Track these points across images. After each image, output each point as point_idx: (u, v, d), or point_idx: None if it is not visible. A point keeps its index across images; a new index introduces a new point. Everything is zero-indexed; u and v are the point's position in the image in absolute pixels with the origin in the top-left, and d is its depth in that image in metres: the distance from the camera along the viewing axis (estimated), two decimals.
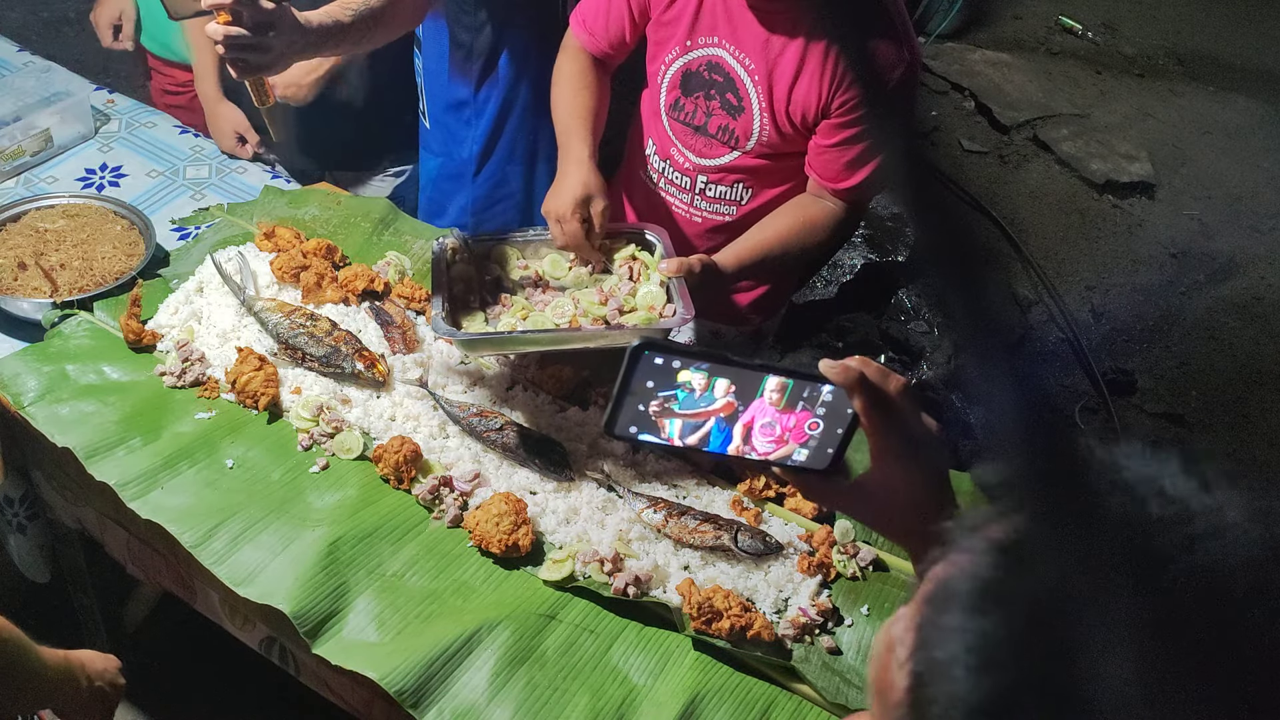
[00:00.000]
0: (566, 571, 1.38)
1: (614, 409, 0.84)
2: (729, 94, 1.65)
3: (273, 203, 1.98)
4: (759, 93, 1.62)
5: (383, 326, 1.70)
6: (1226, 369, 3.44)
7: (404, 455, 1.46)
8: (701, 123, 1.70)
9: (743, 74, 1.62)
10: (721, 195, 1.76)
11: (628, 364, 0.82)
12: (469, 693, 1.25)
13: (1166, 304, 3.65)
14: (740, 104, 1.64)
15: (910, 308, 3.49)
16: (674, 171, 1.79)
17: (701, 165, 1.74)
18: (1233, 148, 4.37)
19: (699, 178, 1.76)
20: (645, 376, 0.83)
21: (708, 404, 0.85)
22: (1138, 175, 4.12)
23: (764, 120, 1.64)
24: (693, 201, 1.79)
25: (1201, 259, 3.85)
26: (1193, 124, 4.50)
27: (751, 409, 0.86)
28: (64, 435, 1.48)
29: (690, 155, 1.75)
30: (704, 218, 1.80)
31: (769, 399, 0.85)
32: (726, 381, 0.84)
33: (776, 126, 1.64)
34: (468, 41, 1.98)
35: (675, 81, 1.71)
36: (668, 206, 1.82)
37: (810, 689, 1.30)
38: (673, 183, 1.80)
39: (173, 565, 1.53)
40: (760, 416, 0.86)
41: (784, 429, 0.87)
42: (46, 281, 1.72)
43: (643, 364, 0.82)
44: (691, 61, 1.67)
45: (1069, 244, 3.85)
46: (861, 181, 1.63)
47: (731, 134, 1.68)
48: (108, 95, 2.26)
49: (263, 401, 1.54)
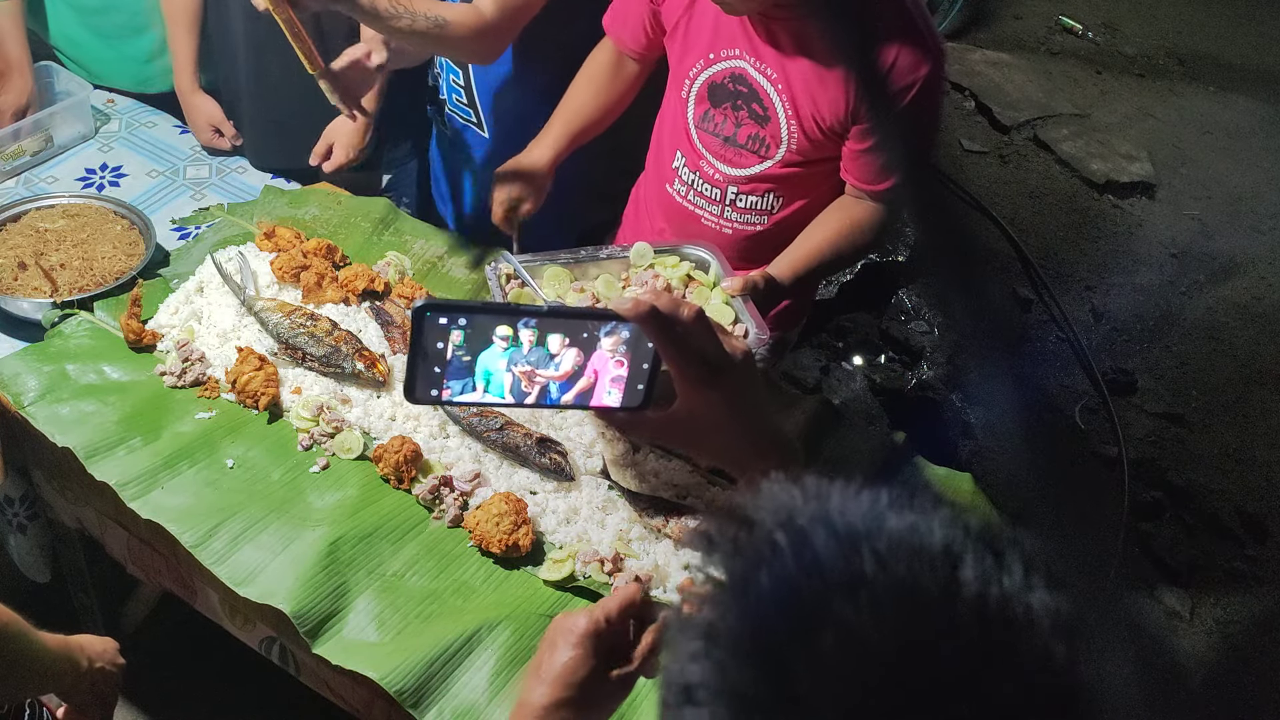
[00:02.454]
0: (567, 571, 1.39)
1: (410, 374, 0.83)
2: (755, 104, 1.64)
3: (273, 203, 1.98)
4: (784, 101, 1.61)
5: (383, 326, 1.70)
6: (1227, 369, 3.44)
7: (404, 455, 1.46)
8: (731, 133, 1.70)
9: (765, 84, 1.61)
10: (752, 206, 1.75)
11: (413, 326, 0.80)
12: (469, 693, 1.25)
13: (1166, 304, 3.65)
14: (766, 113, 1.64)
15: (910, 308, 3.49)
16: (703, 184, 1.78)
17: (732, 176, 1.73)
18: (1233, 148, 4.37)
19: (729, 189, 1.75)
20: (436, 338, 0.81)
21: (546, 360, 0.84)
22: (1138, 175, 4.12)
23: (792, 128, 1.63)
24: (723, 213, 1.78)
25: (1202, 259, 3.85)
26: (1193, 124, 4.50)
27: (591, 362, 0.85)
28: (64, 435, 1.48)
29: (720, 166, 1.74)
30: (734, 229, 1.79)
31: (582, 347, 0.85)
32: (560, 336, 0.83)
33: (805, 133, 1.63)
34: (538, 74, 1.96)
35: (703, 94, 1.71)
36: (696, 219, 1.81)
37: None
38: (702, 194, 1.79)
39: (173, 565, 1.53)
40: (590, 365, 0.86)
41: (596, 373, 0.86)
42: (46, 281, 1.72)
43: (429, 324, 0.81)
44: (716, 74, 1.67)
45: (1069, 244, 3.85)
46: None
47: (762, 142, 1.67)
48: (108, 95, 2.26)
49: (263, 401, 1.54)
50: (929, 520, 0.45)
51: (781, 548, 0.45)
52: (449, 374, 0.83)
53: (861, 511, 0.45)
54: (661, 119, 1.85)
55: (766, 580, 0.44)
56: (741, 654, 0.43)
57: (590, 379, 0.85)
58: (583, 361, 0.84)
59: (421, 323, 0.80)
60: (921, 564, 0.43)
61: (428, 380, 0.83)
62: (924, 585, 0.42)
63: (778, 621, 0.43)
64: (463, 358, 0.83)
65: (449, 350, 0.82)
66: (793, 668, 0.41)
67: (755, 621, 0.44)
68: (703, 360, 0.82)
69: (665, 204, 1.86)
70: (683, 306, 0.82)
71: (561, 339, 0.83)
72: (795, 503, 0.47)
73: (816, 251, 1.66)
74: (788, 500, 0.47)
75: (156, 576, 1.59)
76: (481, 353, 0.83)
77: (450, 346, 0.82)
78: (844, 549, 0.44)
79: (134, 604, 2.18)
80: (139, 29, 2.26)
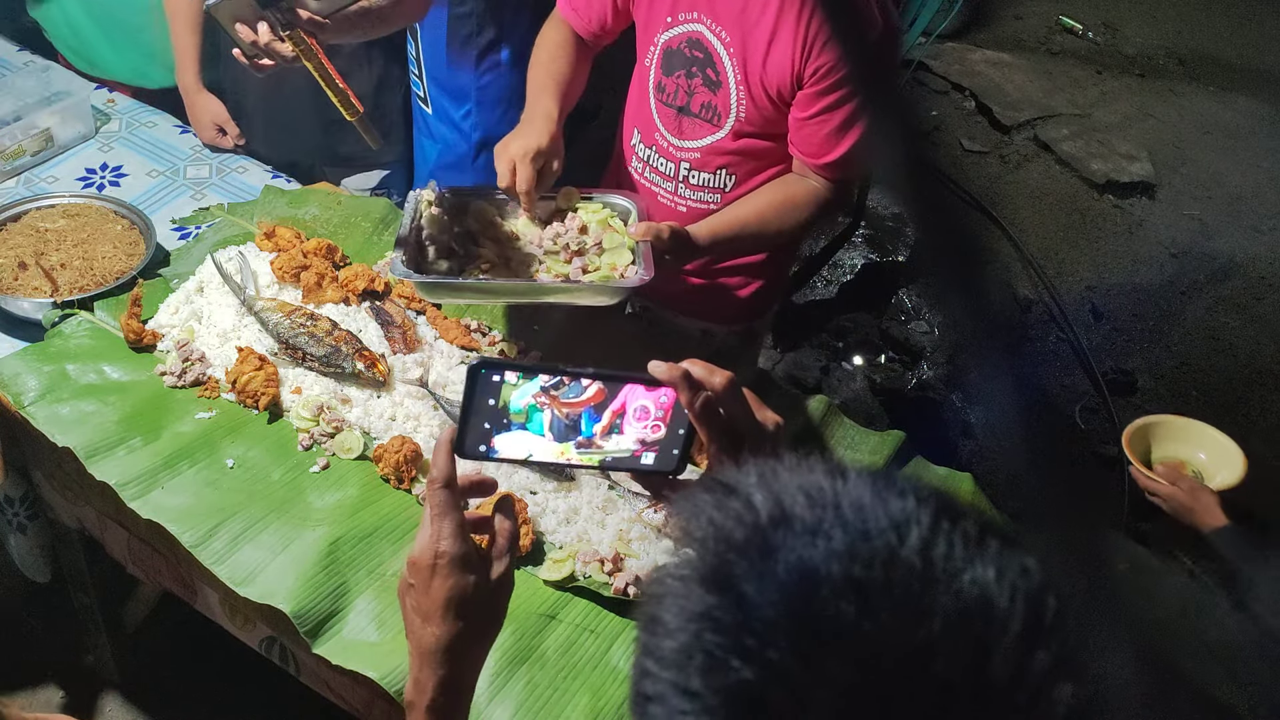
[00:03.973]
0: (567, 571, 1.38)
1: (461, 428, 0.83)
2: (709, 69, 1.64)
3: (273, 202, 1.98)
4: (734, 65, 1.61)
5: (383, 326, 1.70)
6: (1227, 369, 3.44)
7: (404, 455, 1.46)
8: (684, 102, 1.70)
9: (719, 47, 1.61)
10: (705, 182, 1.76)
11: (468, 383, 0.82)
12: None
13: (1167, 304, 3.65)
14: (718, 78, 1.64)
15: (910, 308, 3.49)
16: (659, 158, 1.78)
17: (685, 149, 1.74)
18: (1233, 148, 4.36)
19: (682, 163, 1.76)
20: (488, 395, 0.82)
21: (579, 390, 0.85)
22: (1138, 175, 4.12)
23: (740, 94, 1.63)
24: (677, 190, 1.79)
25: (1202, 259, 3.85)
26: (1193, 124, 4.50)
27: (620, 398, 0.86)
28: (64, 435, 1.48)
29: (673, 139, 1.74)
30: (689, 206, 1.79)
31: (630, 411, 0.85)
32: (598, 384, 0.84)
33: (753, 99, 1.62)
34: (467, 27, 1.98)
35: (659, 61, 1.71)
36: (654, 196, 1.82)
37: None
38: (657, 170, 1.80)
39: (173, 565, 1.53)
40: (627, 411, 0.86)
41: (638, 437, 0.87)
42: (47, 281, 1.72)
43: (481, 382, 0.82)
44: (673, 39, 1.67)
45: (1069, 244, 3.85)
46: (844, 155, 1.62)
47: (714, 110, 1.67)
48: (108, 95, 2.26)
49: (263, 401, 1.54)
50: (894, 489, 0.50)
51: (755, 504, 0.50)
52: (497, 429, 0.84)
53: (832, 480, 0.51)
54: (629, 94, 1.86)
55: (738, 531, 0.49)
56: (704, 583, 0.48)
57: (619, 406, 0.86)
58: (605, 396, 0.85)
59: (475, 380, 0.81)
60: (878, 516, 0.48)
61: (477, 435, 0.84)
62: (875, 530, 0.48)
63: (739, 558, 0.48)
64: (512, 412, 0.84)
65: (500, 404, 0.83)
66: (746, 592, 0.47)
67: (720, 559, 0.49)
68: (732, 428, 0.82)
69: (627, 182, 1.87)
70: (716, 375, 0.82)
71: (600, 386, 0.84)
72: (774, 473, 0.52)
73: (740, 220, 1.65)
74: (768, 471, 0.53)
75: (156, 576, 1.59)
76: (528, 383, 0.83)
77: (501, 401, 0.83)
78: (810, 504, 0.49)
79: (134, 604, 2.18)
80: (141, 24, 2.26)
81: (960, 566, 0.46)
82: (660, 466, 0.88)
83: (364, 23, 1.69)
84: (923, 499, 0.49)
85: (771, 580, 0.47)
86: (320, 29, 1.55)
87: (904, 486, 0.50)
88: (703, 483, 0.55)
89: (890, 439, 1.68)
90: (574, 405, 0.85)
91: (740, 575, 0.47)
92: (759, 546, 0.48)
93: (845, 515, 0.48)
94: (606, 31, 1.78)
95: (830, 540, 0.47)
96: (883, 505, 0.49)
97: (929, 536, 0.47)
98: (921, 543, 0.47)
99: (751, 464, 0.54)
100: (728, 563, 0.48)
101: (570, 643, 1.32)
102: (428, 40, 2.06)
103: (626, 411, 0.86)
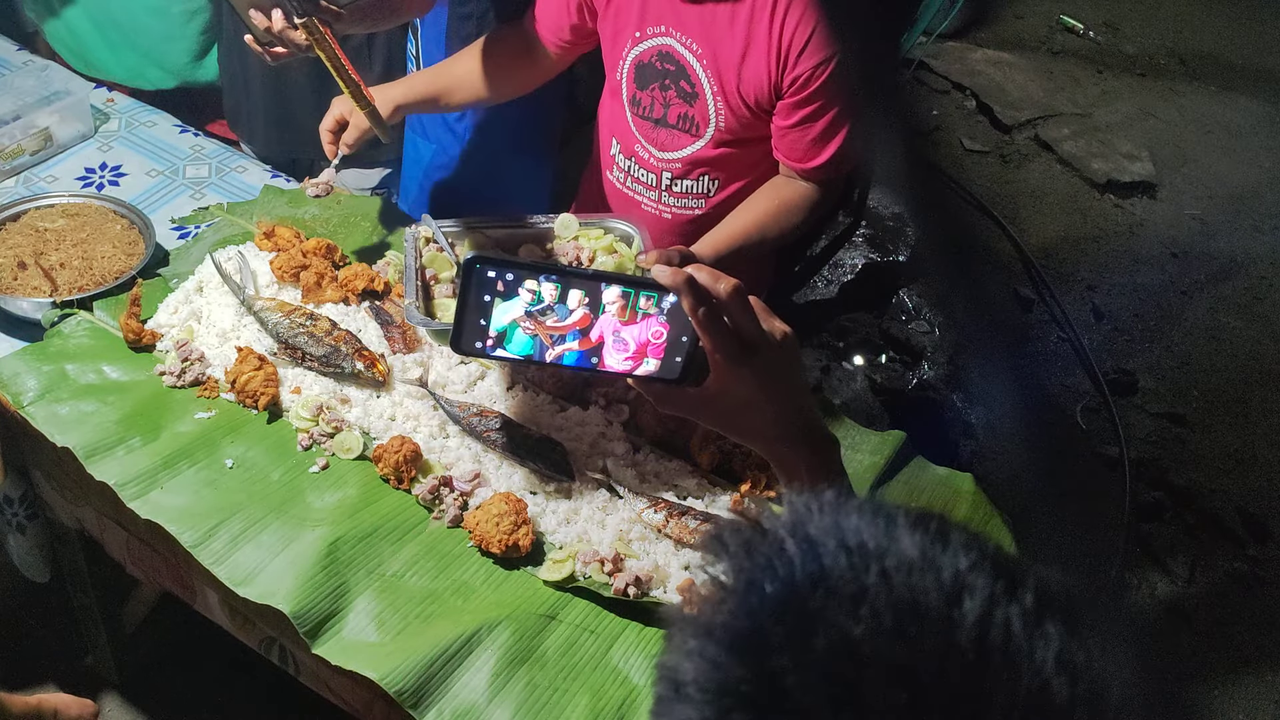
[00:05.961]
0: (567, 572, 1.38)
1: (457, 326, 0.82)
2: (683, 81, 1.64)
3: (273, 202, 1.98)
4: (709, 76, 1.61)
5: (383, 326, 1.69)
6: (1228, 369, 3.44)
7: (404, 455, 1.46)
8: (661, 115, 1.70)
9: (692, 60, 1.61)
10: (688, 190, 1.76)
11: (463, 278, 0.80)
12: (469, 693, 1.25)
13: (1167, 304, 3.65)
14: (694, 90, 1.64)
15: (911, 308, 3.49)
16: (640, 169, 1.79)
17: (666, 160, 1.74)
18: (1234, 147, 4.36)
19: (664, 173, 1.76)
20: (484, 290, 0.81)
21: (563, 317, 0.83)
22: (1139, 175, 4.12)
23: (719, 104, 1.63)
24: (660, 198, 1.79)
25: (1203, 259, 3.85)
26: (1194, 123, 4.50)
27: (599, 324, 0.84)
28: (64, 435, 1.48)
29: (654, 150, 1.74)
30: (673, 214, 1.79)
31: (611, 312, 0.83)
32: (580, 293, 0.82)
33: (731, 110, 1.63)
34: (467, 28, 1.98)
35: (631, 76, 1.71)
36: (636, 205, 1.82)
37: None
38: (639, 180, 1.80)
39: (172, 565, 1.53)
40: (610, 331, 0.84)
41: (638, 344, 0.85)
42: (46, 281, 1.72)
43: (477, 277, 0.80)
44: (643, 53, 1.67)
45: (1069, 244, 3.85)
46: (830, 159, 1.62)
47: (692, 121, 1.67)
48: (107, 94, 2.25)
49: (262, 401, 1.54)
50: (943, 543, 0.45)
51: (789, 555, 0.45)
52: (493, 326, 0.83)
53: (875, 528, 0.46)
54: (601, 106, 1.86)
55: (769, 584, 0.45)
56: (735, 652, 0.44)
57: (596, 339, 0.85)
58: (590, 320, 0.84)
59: (470, 274, 0.80)
60: (927, 585, 0.43)
61: (474, 332, 0.83)
62: (926, 605, 0.43)
63: (774, 624, 0.43)
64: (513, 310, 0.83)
65: (494, 302, 0.82)
66: (783, 669, 0.42)
67: (753, 622, 0.44)
68: (738, 337, 0.80)
69: (608, 191, 1.87)
70: (721, 281, 0.80)
71: (581, 296, 0.83)
72: (810, 514, 0.47)
73: (742, 232, 1.65)
74: (803, 511, 0.48)
75: (156, 576, 1.59)
76: (506, 303, 0.82)
77: (495, 299, 0.82)
78: (851, 562, 0.44)
79: (134, 604, 2.18)
80: (138, 25, 2.26)
81: (1018, 654, 0.41)
82: (665, 375, 0.87)
83: (376, 13, 1.69)
84: (972, 557, 0.45)
85: (812, 661, 0.42)
86: (336, 18, 1.54)
87: (952, 538, 0.46)
88: (730, 522, 0.50)
89: (891, 439, 1.68)
90: (554, 327, 0.84)
91: (775, 648, 0.43)
92: (796, 612, 0.44)
93: (891, 579, 0.43)
94: (567, 45, 1.79)
95: (877, 615, 0.42)
96: (933, 569, 0.44)
97: (985, 612, 0.42)
98: (978, 622, 0.42)
99: (785, 499, 0.49)
100: (761, 630, 0.44)
101: (570, 643, 1.32)
102: (428, 39, 2.06)
103: (606, 342, 0.85)
